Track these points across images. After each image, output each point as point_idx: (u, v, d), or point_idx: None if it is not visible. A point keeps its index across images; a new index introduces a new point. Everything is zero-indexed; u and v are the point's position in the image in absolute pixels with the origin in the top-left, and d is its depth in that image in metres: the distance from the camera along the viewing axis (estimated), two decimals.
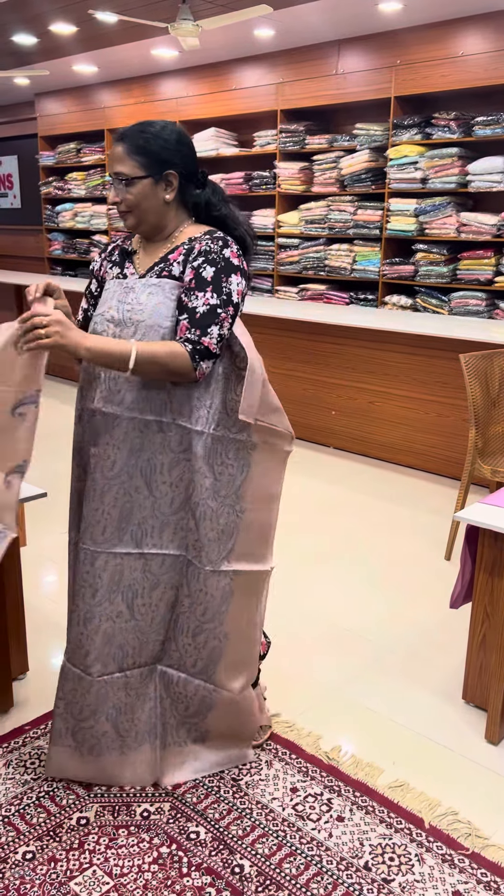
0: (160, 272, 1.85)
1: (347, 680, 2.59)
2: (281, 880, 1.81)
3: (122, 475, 1.87)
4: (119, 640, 1.97)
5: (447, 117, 4.90)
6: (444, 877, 1.82)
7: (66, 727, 2.03)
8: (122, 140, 1.81)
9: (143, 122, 1.83)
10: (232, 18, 4.31)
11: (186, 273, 1.81)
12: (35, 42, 5.65)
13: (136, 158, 1.79)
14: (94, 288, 2.00)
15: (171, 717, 2.06)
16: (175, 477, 1.88)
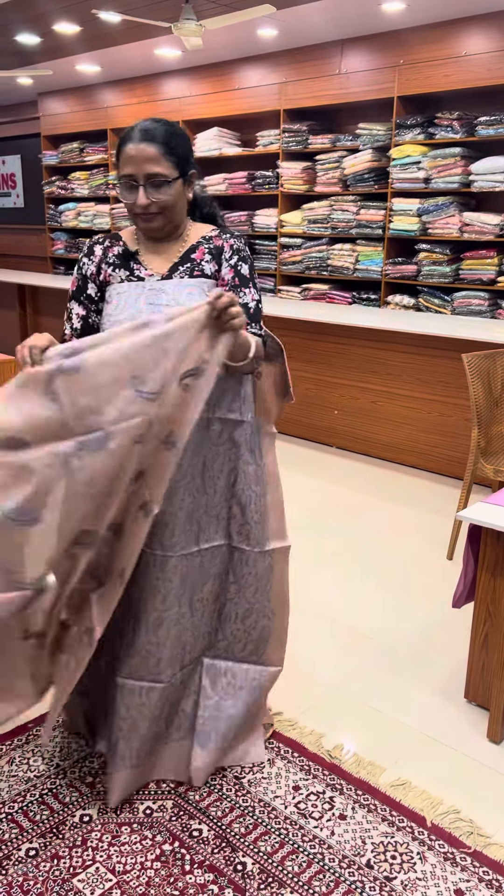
0: (191, 272, 1.86)
1: (349, 679, 2.60)
2: (283, 878, 1.81)
3: (187, 476, 1.88)
4: (182, 640, 1.99)
5: (450, 117, 4.90)
6: (446, 875, 1.83)
7: (130, 749, 1.99)
8: (152, 140, 1.75)
9: (161, 121, 1.79)
10: (235, 18, 4.32)
11: (225, 271, 1.86)
12: (38, 42, 5.66)
13: (170, 159, 1.77)
14: (94, 293, 1.91)
15: (209, 713, 2.08)
16: (218, 469, 1.92)
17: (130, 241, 1.93)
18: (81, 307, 1.92)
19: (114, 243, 1.93)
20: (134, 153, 1.75)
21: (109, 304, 1.87)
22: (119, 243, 1.92)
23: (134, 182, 1.78)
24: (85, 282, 1.91)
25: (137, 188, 1.78)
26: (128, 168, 1.77)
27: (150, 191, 1.77)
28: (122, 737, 1.97)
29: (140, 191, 1.77)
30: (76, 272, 1.93)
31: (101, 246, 1.92)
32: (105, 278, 1.90)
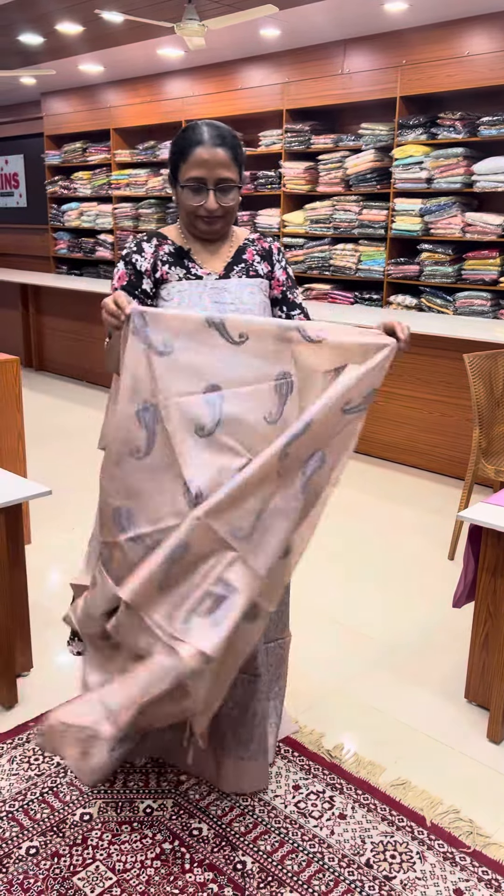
0: (247, 272, 1.89)
1: (350, 678, 2.60)
2: (283, 877, 1.82)
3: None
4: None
5: (453, 117, 4.90)
6: (446, 874, 1.83)
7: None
8: (224, 145, 1.77)
9: (221, 125, 1.81)
10: (238, 18, 4.32)
11: (279, 273, 1.94)
12: (41, 42, 5.67)
13: (237, 164, 1.81)
14: (150, 288, 1.86)
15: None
16: None
17: (179, 239, 1.91)
18: (136, 301, 1.87)
19: (162, 242, 1.89)
20: (208, 157, 1.76)
21: (169, 301, 1.85)
22: (167, 242, 1.90)
23: (202, 185, 1.79)
24: (140, 277, 1.86)
25: (205, 191, 1.79)
26: (198, 171, 1.77)
27: (219, 195, 1.80)
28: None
29: (210, 195, 1.79)
30: (124, 267, 1.87)
31: (149, 244, 1.88)
32: (162, 276, 1.86)
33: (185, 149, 1.79)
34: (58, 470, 4.58)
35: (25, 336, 7.74)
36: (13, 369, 3.41)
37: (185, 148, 1.78)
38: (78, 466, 4.74)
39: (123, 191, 7.32)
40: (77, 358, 7.21)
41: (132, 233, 7.37)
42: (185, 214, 1.86)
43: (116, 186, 7.38)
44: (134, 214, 7.28)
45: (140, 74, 6.88)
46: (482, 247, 4.98)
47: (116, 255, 7.56)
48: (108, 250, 7.68)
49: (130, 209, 7.30)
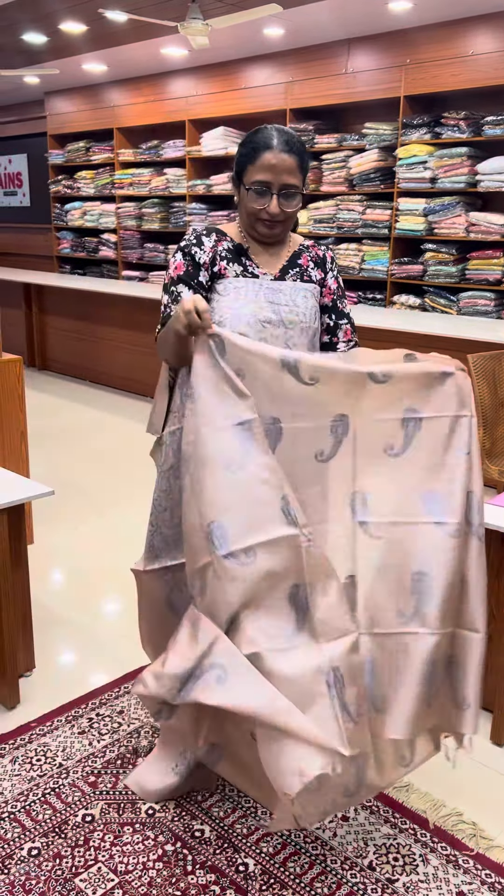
0: (301, 276, 1.91)
1: None
2: (285, 879, 1.81)
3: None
4: None
5: (457, 117, 4.89)
6: (449, 877, 1.82)
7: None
8: (291, 152, 1.78)
9: (291, 132, 1.82)
10: (241, 17, 4.32)
11: (331, 281, 1.96)
12: (45, 41, 5.67)
13: (302, 172, 1.82)
14: (206, 281, 1.85)
15: None
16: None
17: (238, 237, 1.91)
18: (192, 291, 1.85)
19: (221, 237, 1.89)
20: (275, 162, 1.77)
21: (225, 296, 1.84)
22: (227, 238, 1.90)
23: (267, 189, 1.79)
24: (197, 269, 1.85)
25: (269, 195, 1.79)
26: (265, 175, 1.78)
27: (282, 201, 1.80)
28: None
29: (273, 199, 1.80)
30: (182, 258, 1.85)
31: (208, 238, 1.87)
32: (220, 270, 1.86)
33: (253, 151, 1.79)
34: (60, 470, 4.58)
35: (28, 335, 7.74)
36: (16, 369, 3.40)
37: (254, 151, 1.79)
38: (80, 466, 4.74)
39: (127, 190, 7.32)
40: (80, 357, 7.21)
41: (135, 232, 7.37)
42: (246, 216, 1.86)
43: (120, 186, 7.38)
44: (137, 214, 7.27)
45: (143, 74, 6.87)
46: (486, 246, 4.97)
47: (119, 254, 7.56)
48: (111, 250, 7.67)
49: (134, 209, 7.29)
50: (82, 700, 2.45)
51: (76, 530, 3.79)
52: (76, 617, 2.98)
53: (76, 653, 2.76)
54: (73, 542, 3.66)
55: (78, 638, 2.85)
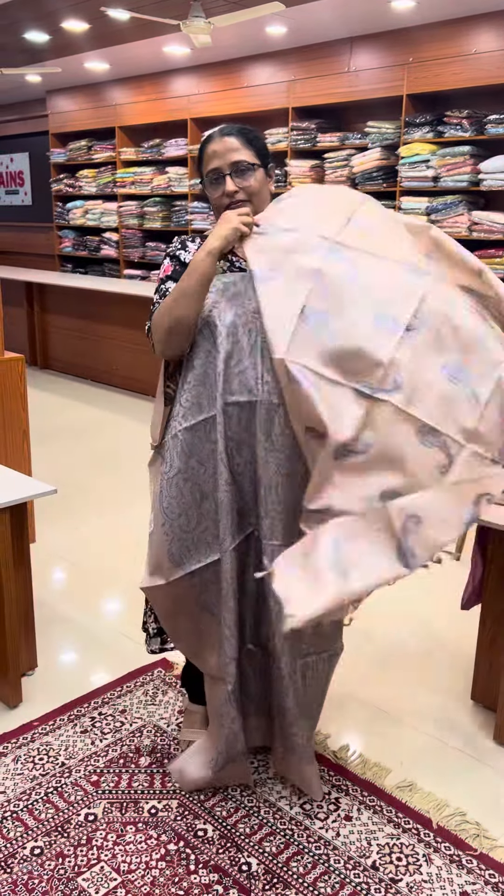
0: None
1: (356, 680, 2.59)
2: (288, 879, 1.81)
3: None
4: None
5: (459, 115, 4.88)
6: (452, 877, 1.82)
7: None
8: (231, 134, 1.86)
9: (240, 125, 1.90)
10: (244, 16, 4.31)
11: None
12: (47, 39, 5.66)
13: (251, 148, 1.86)
14: None
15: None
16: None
17: None
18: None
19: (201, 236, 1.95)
20: (217, 147, 1.85)
21: (212, 291, 1.84)
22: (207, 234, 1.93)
23: (220, 174, 1.85)
24: (184, 268, 1.85)
25: (223, 179, 1.85)
26: (213, 163, 1.85)
27: (236, 179, 1.85)
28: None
29: (227, 179, 1.85)
30: (169, 261, 1.92)
31: (193, 243, 1.93)
32: None
33: (200, 153, 1.89)
34: (62, 468, 4.58)
35: (30, 334, 7.74)
36: (18, 367, 3.40)
37: (200, 152, 1.89)
38: (83, 465, 4.73)
39: (128, 189, 7.31)
40: (82, 356, 7.21)
41: (137, 230, 7.36)
42: (216, 212, 1.90)
43: (122, 184, 7.37)
44: (139, 212, 7.27)
45: (146, 72, 6.86)
46: (489, 245, 4.96)
47: (121, 253, 7.55)
48: (112, 248, 7.67)
49: (135, 207, 7.28)
50: (84, 699, 2.45)
51: (78, 529, 3.78)
52: (78, 616, 2.98)
53: (78, 652, 2.76)
54: (76, 540, 3.66)
55: (80, 637, 2.84)
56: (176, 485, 1.87)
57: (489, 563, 2.29)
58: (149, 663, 2.62)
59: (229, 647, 1.89)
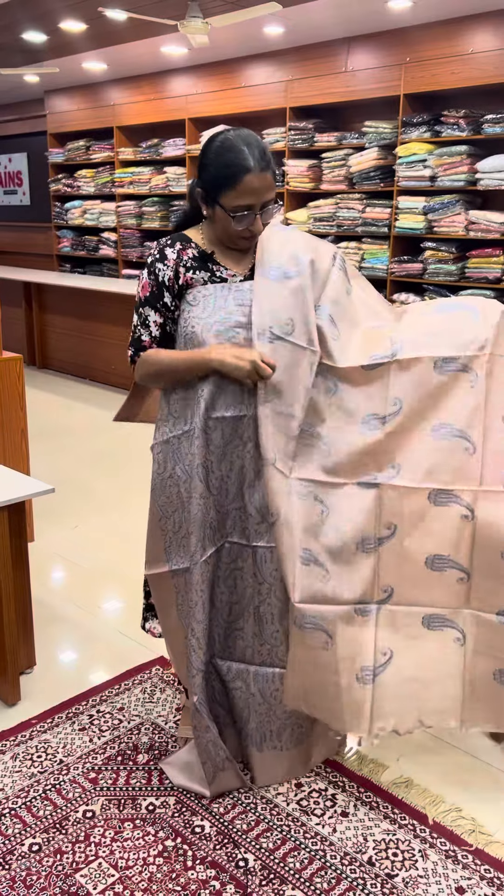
0: None
1: None
2: (285, 874, 1.82)
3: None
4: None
5: (456, 115, 4.89)
6: (448, 873, 1.83)
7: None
8: (268, 167, 1.74)
9: (257, 139, 1.76)
10: (241, 16, 4.31)
11: None
12: (45, 39, 5.66)
13: (275, 182, 1.79)
14: (170, 301, 1.85)
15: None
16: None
17: (202, 242, 1.89)
18: (158, 315, 1.87)
19: (185, 245, 1.87)
20: (258, 184, 1.73)
21: (195, 306, 1.83)
22: (191, 245, 1.87)
23: (252, 212, 1.76)
24: (161, 289, 1.84)
25: (252, 216, 1.77)
26: (249, 199, 1.74)
27: (263, 216, 1.79)
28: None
29: (257, 219, 1.78)
30: (148, 277, 1.85)
31: (172, 249, 1.85)
32: (185, 281, 1.84)
33: (232, 176, 1.72)
34: (60, 468, 4.59)
35: (29, 334, 7.75)
36: (16, 367, 3.41)
37: (234, 175, 1.72)
38: (81, 464, 4.74)
39: (127, 189, 7.32)
40: (80, 356, 7.22)
41: (136, 230, 7.37)
42: (224, 234, 1.83)
43: (120, 184, 7.38)
44: (137, 212, 7.28)
45: (143, 72, 6.87)
46: (486, 245, 4.97)
47: (120, 253, 7.56)
48: (111, 248, 7.67)
49: (134, 207, 7.29)
50: (83, 697, 2.46)
51: (76, 528, 3.80)
52: (76, 614, 2.99)
53: (77, 650, 2.77)
54: (74, 539, 3.67)
55: (78, 635, 2.85)
56: (168, 487, 1.92)
57: None
58: (147, 661, 2.64)
59: (195, 659, 1.92)
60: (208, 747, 1.98)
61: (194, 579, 1.88)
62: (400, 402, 1.84)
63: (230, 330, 1.81)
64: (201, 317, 1.82)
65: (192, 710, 1.97)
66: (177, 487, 1.90)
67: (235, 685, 2.02)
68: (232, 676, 2.02)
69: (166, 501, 1.94)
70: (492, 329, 1.84)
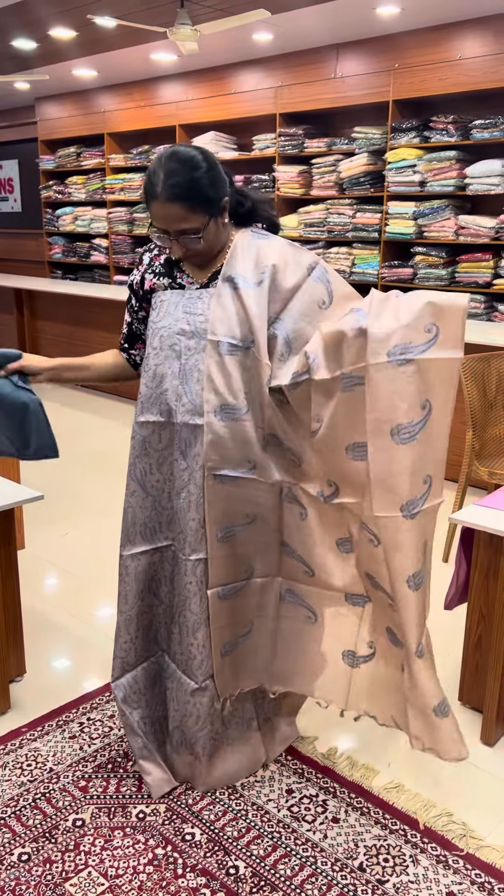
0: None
1: None
2: (275, 881, 1.81)
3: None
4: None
5: (445, 120, 4.91)
6: (439, 878, 1.83)
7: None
8: (177, 199, 1.69)
9: (183, 161, 1.70)
10: (230, 23, 4.33)
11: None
12: (35, 46, 5.67)
13: (198, 210, 1.72)
14: (136, 303, 1.97)
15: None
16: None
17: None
18: (129, 315, 2.01)
19: (162, 251, 1.93)
20: (161, 214, 1.73)
21: (153, 311, 1.89)
22: (166, 251, 1.92)
23: (166, 233, 1.77)
24: (133, 294, 1.97)
25: (168, 239, 1.78)
26: (159, 223, 1.76)
27: (184, 241, 1.77)
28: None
29: (174, 244, 1.78)
30: (128, 287, 1.99)
31: (149, 254, 1.95)
32: (150, 286, 1.92)
33: (146, 194, 1.75)
34: (51, 474, 4.58)
35: (20, 340, 7.73)
36: None
37: (146, 194, 1.75)
38: (71, 470, 4.73)
39: (118, 195, 7.32)
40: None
41: (127, 237, 7.37)
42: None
43: (111, 191, 7.39)
44: (128, 219, 7.28)
45: (134, 79, 6.88)
46: (475, 249, 4.99)
47: (111, 259, 7.56)
48: (102, 254, 7.68)
49: (125, 213, 7.30)
50: (73, 704, 2.45)
51: (67, 535, 3.78)
52: (67, 622, 2.98)
53: (67, 657, 2.76)
54: (65, 546, 3.66)
55: (69, 643, 2.84)
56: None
57: (474, 564, 2.30)
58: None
59: (116, 645, 2.02)
60: (127, 731, 2.08)
61: (124, 570, 1.98)
62: (320, 420, 1.75)
63: (173, 336, 1.84)
64: (154, 321, 1.88)
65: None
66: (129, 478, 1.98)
67: (168, 685, 2.06)
68: (168, 675, 2.05)
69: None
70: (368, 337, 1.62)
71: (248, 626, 1.98)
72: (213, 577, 1.88)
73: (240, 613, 1.95)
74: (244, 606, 1.95)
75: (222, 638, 1.93)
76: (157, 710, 2.10)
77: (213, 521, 1.85)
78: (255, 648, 2.00)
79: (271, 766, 2.18)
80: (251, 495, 1.86)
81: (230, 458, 1.81)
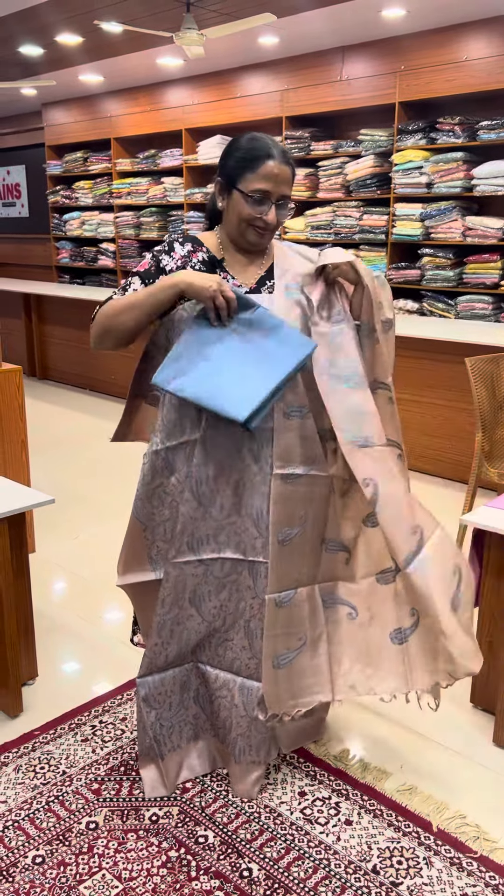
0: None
1: None
2: (289, 884, 1.81)
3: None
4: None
5: (452, 122, 4.91)
6: (453, 880, 1.82)
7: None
8: (288, 163, 1.81)
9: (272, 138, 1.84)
10: (236, 27, 4.34)
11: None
12: (41, 53, 5.70)
13: (293, 184, 1.85)
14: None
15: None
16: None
17: (214, 248, 1.89)
18: (143, 287, 1.85)
19: (196, 248, 1.87)
20: (277, 172, 1.78)
21: (193, 313, 1.83)
22: (202, 249, 1.88)
23: (266, 198, 1.80)
24: (159, 273, 1.84)
25: (268, 204, 1.80)
26: (265, 184, 1.78)
27: (279, 211, 1.82)
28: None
29: (272, 209, 1.81)
30: (151, 259, 1.86)
31: (182, 247, 1.87)
32: None
33: (254, 160, 1.78)
34: (61, 478, 4.59)
35: (28, 345, 7.76)
36: (16, 378, 3.42)
37: (255, 159, 1.77)
38: (81, 474, 4.74)
39: (125, 199, 7.35)
40: (80, 366, 7.23)
41: (134, 241, 7.40)
42: (237, 222, 1.83)
43: (118, 195, 7.41)
44: (135, 223, 7.30)
45: (140, 84, 6.91)
46: (483, 250, 4.99)
47: (118, 263, 7.59)
48: (109, 259, 7.70)
49: (132, 218, 7.32)
50: (85, 707, 2.45)
51: (77, 538, 3.79)
52: (78, 625, 2.99)
53: (78, 661, 2.77)
54: (75, 550, 3.67)
55: (80, 646, 2.85)
56: (155, 497, 1.93)
57: (485, 566, 2.30)
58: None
59: (148, 646, 2.00)
60: (139, 728, 2.08)
61: (164, 577, 1.93)
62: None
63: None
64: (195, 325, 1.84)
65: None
66: (169, 497, 1.91)
67: (221, 694, 2.02)
68: (219, 685, 2.02)
69: (152, 511, 1.94)
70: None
71: (303, 638, 1.94)
72: (273, 583, 1.88)
73: (294, 624, 1.93)
74: (297, 616, 1.93)
75: (276, 648, 1.91)
76: (179, 715, 2.07)
77: (276, 524, 1.86)
78: (311, 664, 1.97)
79: (283, 768, 2.18)
80: (311, 493, 1.90)
81: (297, 456, 1.86)
